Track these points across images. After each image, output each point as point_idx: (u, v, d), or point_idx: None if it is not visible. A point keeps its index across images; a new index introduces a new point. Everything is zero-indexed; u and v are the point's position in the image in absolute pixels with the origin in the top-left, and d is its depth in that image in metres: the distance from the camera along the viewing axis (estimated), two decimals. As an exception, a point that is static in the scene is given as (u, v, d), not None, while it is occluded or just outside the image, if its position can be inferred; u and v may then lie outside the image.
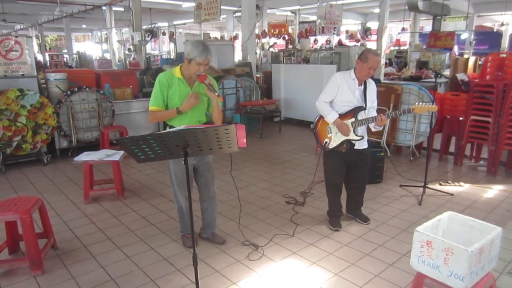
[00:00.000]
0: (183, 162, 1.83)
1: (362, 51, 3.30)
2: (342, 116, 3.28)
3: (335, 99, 3.32)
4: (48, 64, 14.69)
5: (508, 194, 4.33)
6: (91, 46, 26.16)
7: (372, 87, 3.41)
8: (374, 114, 3.32)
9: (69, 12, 14.23)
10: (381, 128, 3.51)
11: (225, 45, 8.40)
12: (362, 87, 3.34)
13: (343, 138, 3.29)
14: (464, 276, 1.73)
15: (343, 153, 3.37)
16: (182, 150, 1.82)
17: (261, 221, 3.69)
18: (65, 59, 18.39)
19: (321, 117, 3.43)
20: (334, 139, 3.31)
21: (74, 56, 17.13)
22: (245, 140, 1.84)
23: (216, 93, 2.66)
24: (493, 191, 4.46)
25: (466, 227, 2.04)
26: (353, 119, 3.28)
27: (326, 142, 3.34)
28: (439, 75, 4.25)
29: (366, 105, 3.33)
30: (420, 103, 3.30)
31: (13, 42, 5.27)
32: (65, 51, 20.43)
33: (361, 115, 3.29)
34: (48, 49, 20.76)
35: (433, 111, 3.39)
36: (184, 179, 2.95)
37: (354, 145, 3.36)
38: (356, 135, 3.30)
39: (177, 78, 2.77)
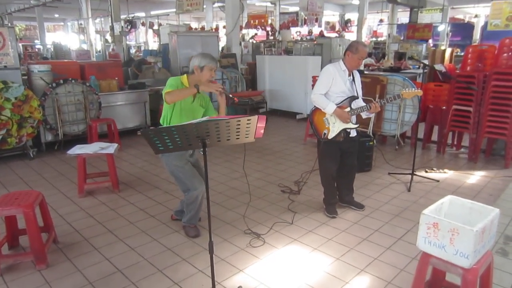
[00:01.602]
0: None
1: (351, 43, 3.46)
2: (338, 107, 3.39)
3: (330, 91, 3.42)
4: (21, 55, 14.07)
5: (489, 180, 4.59)
6: (64, 36, 25.20)
7: (357, 77, 3.57)
8: (362, 103, 3.46)
9: (42, 0, 13.64)
10: (372, 115, 3.66)
11: (210, 37, 8.33)
12: (351, 77, 3.47)
13: (341, 127, 3.40)
14: (469, 254, 1.87)
15: (339, 142, 3.48)
16: (201, 141, 1.85)
17: (259, 210, 3.77)
18: (36, 50, 17.68)
19: (316, 110, 3.52)
20: (333, 130, 3.41)
21: (49, 47, 16.47)
22: (262, 131, 1.89)
23: (231, 95, 2.84)
24: (475, 177, 4.71)
25: (466, 209, 2.18)
26: (348, 108, 3.40)
27: (324, 134, 3.44)
28: (426, 66, 4.41)
29: (357, 94, 3.46)
30: (407, 89, 3.58)
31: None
32: (38, 41, 19.62)
33: (354, 104, 3.42)
34: (19, 39, 19.83)
35: (419, 95, 3.70)
36: (194, 170, 3.06)
37: (350, 133, 3.49)
38: (353, 123, 3.43)
39: (184, 86, 2.96)
